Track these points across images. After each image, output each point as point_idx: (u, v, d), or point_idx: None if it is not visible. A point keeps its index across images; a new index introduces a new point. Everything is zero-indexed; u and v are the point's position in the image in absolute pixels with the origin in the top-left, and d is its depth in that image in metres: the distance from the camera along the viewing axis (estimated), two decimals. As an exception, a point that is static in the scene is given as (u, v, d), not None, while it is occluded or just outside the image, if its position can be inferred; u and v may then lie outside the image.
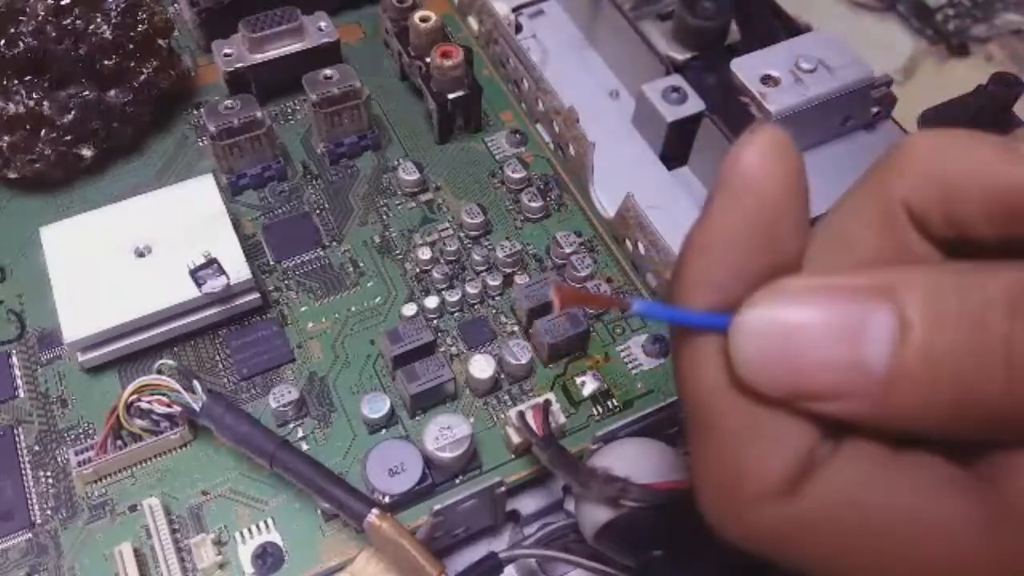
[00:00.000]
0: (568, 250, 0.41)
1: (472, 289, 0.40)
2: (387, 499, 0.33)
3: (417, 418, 0.37)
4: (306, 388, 0.38)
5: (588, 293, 0.33)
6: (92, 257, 0.38)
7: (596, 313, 0.40)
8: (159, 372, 0.37)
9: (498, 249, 0.41)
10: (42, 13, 0.39)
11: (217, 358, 0.39)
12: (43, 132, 0.41)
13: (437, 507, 0.31)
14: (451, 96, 0.45)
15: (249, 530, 0.34)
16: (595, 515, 0.30)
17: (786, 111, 0.36)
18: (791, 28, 0.44)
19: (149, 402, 0.35)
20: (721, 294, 0.18)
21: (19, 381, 0.38)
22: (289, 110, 0.48)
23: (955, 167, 0.17)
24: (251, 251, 0.41)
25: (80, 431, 0.37)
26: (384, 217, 0.43)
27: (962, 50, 0.63)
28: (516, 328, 0.40)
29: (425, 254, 0.41)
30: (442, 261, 0.41)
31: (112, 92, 0.43)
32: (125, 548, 0.33)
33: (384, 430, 0.37)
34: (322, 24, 0.47)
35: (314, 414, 0.37)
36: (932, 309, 0.16)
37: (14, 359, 0.39)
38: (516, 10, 0.49)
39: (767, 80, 0.37)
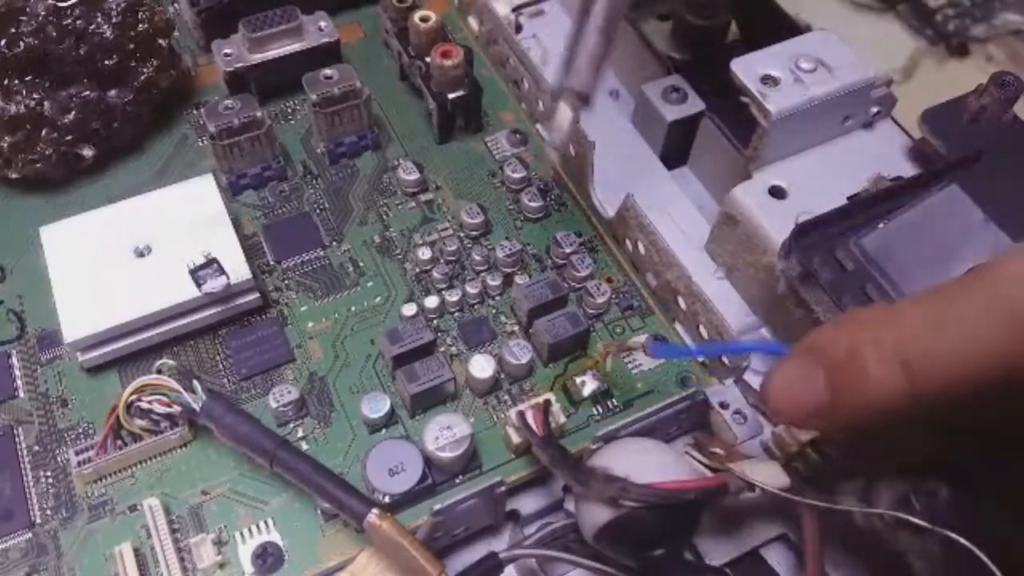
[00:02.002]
0: (568, 250, 0.41)
1: (472, 289, 0.40)
2: (387, 499, 0.33)
3: (417, 418, 0.37)
4: (306, 388, 0.38)
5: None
6: (92, 257, 0.38)
7: (596, 313, 0.40)
8: (159, 372, 0.37)
9: (498, 249, 0.41)
10: (42, 13, 0.39)
11: (217, 358, 0.39)
12: (44, 132, 0.41)
13: (437, 507, 0.31)
14: (451, 96, 0.45)
15: (249, 530, 0.34)
16: (595, 515, 0.30)
17: (786, 111, 0.36)
18: (791, 28, 0.44)
19: (149, 402, 0.35)
20: None
21: (19, 381, 0.38)
22: (289, 110, 0.48)
23: None
24: (251, 251, 0.41)
25: (80, 431, 0.37)
26: (384, 217, 0.43)
27: (962, 50, 0.63)
28: (516, 328, 0.40)
29: (425, 254, 0.41)
30: (442, 261, 0.41)
31: (112, 92, 0.43)
32: (125, 548, 0.33)
33: (384, 430, 0.37)
34: (322, 24, 0.47)
35: (314, 414, 0.37)
36: None
37: (14, 359, 0.39)
38: (516, 10, 0.49)
39: (767, 80, 0.36)
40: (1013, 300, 0.22)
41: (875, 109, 0.39)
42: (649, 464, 0.31)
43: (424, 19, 0.45)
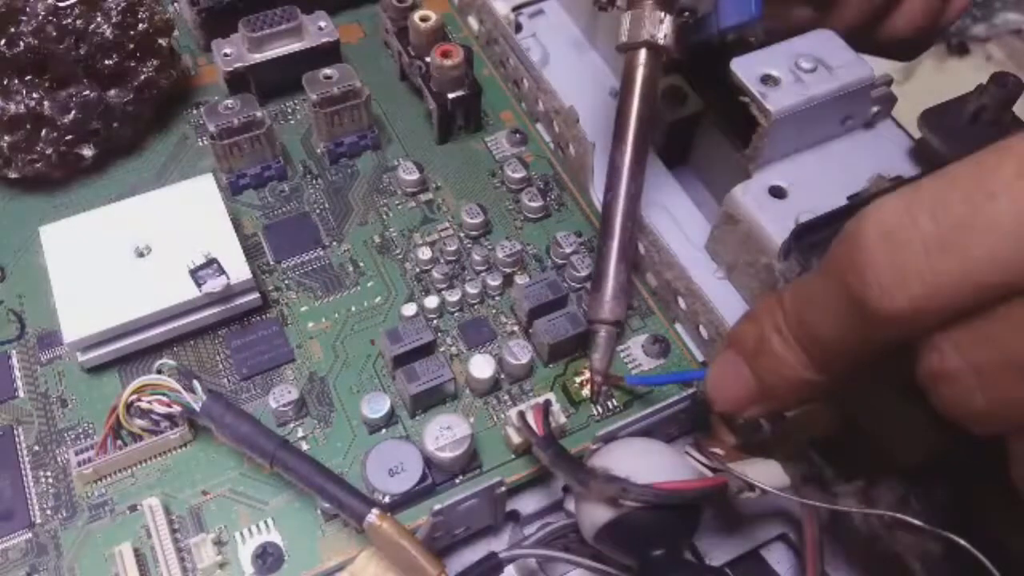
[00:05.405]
0: (568, 250, 0.41)
1: (472, 289, 0.40)
2: (387, 499, 0.33)
3: (417, 418, 0.37)
4: (306, 388, 0.38)
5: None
6: (92, 257, 0.38)
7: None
8: (159, 372, 0.37)
9: (498, 249, 0.41)
10: (42, 13, 0.39)
11: (217, 358, 0.39)
12: (43, 132, 0.41)
13: (437, 507, 0.31)
14: (451, 96, 0.45)
15: (249, 530, 0.34)
16: (595, 515, 0.30)
17: (786, 111, 0.36)
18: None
19: (149, 402, 0.35)
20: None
21: (19, 381, 0.38)
22: (289, 110, 0.48)
23: None
24: (251, 251, 0.41)
25: (80, 431, 0.37)
26: (384, 217, 0.43)
27: (962, 50, 0.64)
28: (516, 328, 0.40)
29: (425, 254, 0.41)
30: (442, 261, 0.41)
31: (112, 92, 0.43)
32: (125, 548, 0.33)
33: (384, 430, 0.37)
34: (322, 24, 0.47)
35: (314, 414, 0.37)
36: None
37: (14, 359, 0.39)
38: (516, 10, 0.49)
39: (767, 80, 0.36)
40: (844, 278, 0.23)
41: (875, 109, 0.39)
42: (649, 464, 0.31)
43: (424, 19, 0.45)
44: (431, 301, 0.40)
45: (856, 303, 0.23)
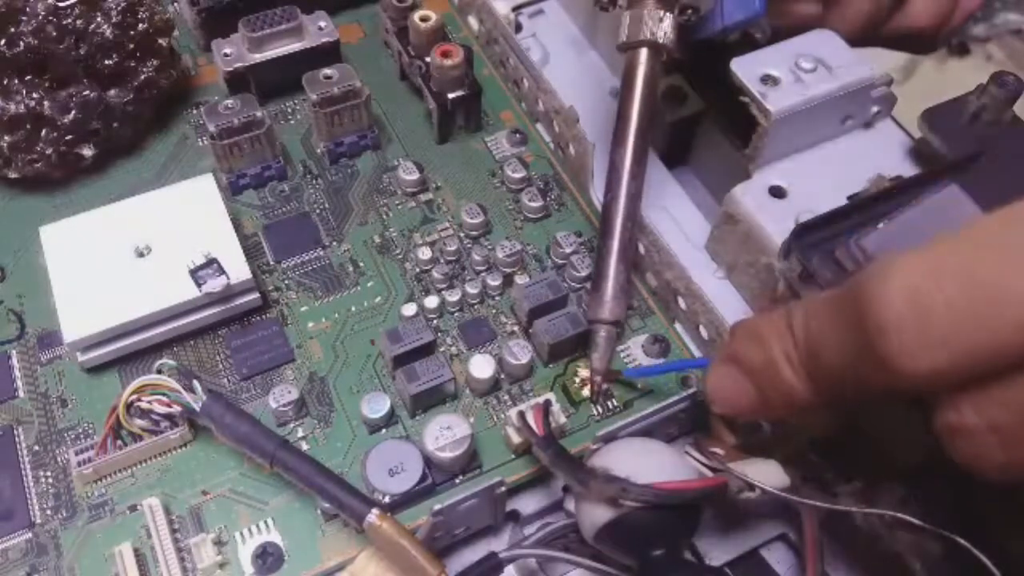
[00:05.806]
0: (568, 250, 0.41)
1: (472, 289, 0.40)
2: (387, 499, 0.33)
3: (417, 418, 0.37)
4: (306, 388, 0.38)
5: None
6: (92, 257, 0.38)
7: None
8: (159, 372, 0.37)
9: (498, 249, 0.41)
10: (42, 13, 0.39)
11: (217, 358, 0.39)
12: (43, 132, 0.41)
13: (437, 507, 0.31)
14: (451, 96, 0.45)
15: (249, 530, 0.34)
16: (595, 515, 0.30)
17: (786, 111, 0.36)
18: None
19: (149, 402, 0.35)
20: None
21: (19, 381, 0.38)
22: (289, 110, 0.48)
23: None
24: (251, 251, 0.41)
25: (80, 431, 0.37)
26: (384, 217, 0.43)
27: (962, 50, 0.63)
28: (516, 328, 0.40)
29: (425, 254, 0.41)
30: (442, 261, 0.41)
31: (112, 92, 0.43)
32: (125, 548, 0.33)
33: (384, 430, 0.37)
34: (322, 24, 0.47)
35: (314, 414, 0.37)
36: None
37: (14, 359, 0.39)
38: (516, 10, 0.49)
39: (767, 80, 0.36)
40: (865, 332, 0.23)
41: (875, 109, 0.39)
42: (649, 464, 0.31)
43: (424, 19, 0.45)
44: (431, 301, 0.40)
45: (876, 359, 0.23)
